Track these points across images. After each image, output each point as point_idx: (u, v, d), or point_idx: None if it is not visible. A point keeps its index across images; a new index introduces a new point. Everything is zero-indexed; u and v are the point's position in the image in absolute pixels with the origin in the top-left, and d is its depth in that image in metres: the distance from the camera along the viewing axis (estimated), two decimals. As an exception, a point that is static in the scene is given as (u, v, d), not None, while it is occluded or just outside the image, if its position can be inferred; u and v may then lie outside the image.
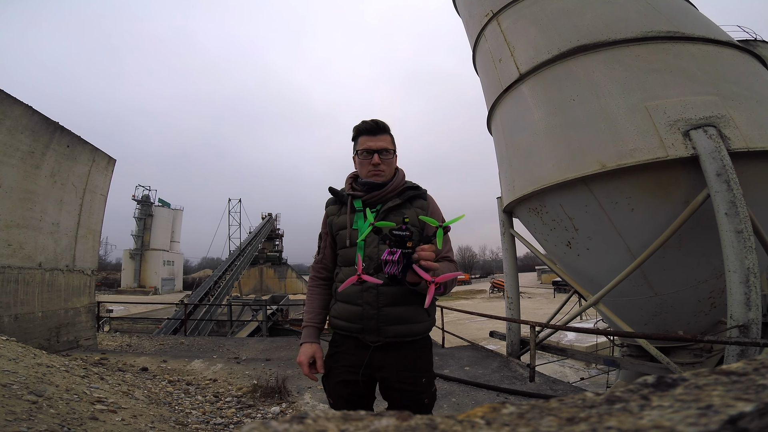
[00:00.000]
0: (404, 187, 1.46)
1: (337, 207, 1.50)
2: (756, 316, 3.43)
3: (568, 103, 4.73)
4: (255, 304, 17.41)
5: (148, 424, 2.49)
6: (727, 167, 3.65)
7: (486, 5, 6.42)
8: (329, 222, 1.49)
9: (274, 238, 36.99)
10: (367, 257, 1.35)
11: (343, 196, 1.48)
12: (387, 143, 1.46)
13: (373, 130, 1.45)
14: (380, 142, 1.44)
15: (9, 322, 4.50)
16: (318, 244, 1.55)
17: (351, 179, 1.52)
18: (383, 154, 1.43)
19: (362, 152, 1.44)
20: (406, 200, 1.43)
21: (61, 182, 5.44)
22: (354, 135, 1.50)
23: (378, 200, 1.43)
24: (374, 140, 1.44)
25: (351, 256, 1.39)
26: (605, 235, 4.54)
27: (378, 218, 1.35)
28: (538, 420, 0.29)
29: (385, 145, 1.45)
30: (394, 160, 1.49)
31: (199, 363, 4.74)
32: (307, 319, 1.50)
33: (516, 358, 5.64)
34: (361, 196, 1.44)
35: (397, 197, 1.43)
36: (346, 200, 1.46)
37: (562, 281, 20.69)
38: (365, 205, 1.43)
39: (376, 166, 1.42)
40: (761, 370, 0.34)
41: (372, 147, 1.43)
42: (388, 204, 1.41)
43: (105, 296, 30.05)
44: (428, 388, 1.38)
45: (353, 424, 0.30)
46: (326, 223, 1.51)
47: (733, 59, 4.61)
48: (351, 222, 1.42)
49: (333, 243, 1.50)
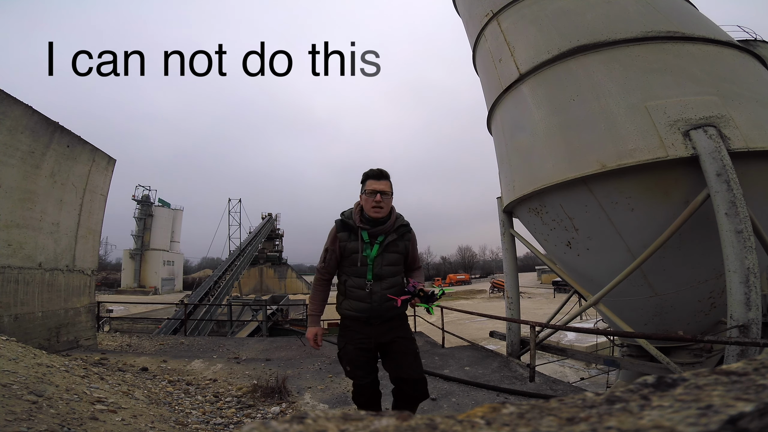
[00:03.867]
0: (398, 225, 2.09)
1: (347, 234, 2.07)
2: (756, 316, 3.43)
3: (568, 103, 4.73)
4: (255, 304, 17.42)
5: (148, 424, 2.48)
6: (727, 167, 3.65)
7: (486, 5, 6.42)
8: (342, 246, 2.06)
9: (274, 238, 36.98)
10: (375, 275, 2.03)
11: (352, 226, 2.05)
12: (387, 187, 2.03)
13: (377, 176, 2.04)
14: (382, 186, 2.01)
15: (9, 322, 4.50)
16: (323, 255, 2.11)
17: (358, 213, 2.07)
18: (384, 195, 2.00)
19: (369, 192, 2.01)
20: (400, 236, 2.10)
21: (61, 182, 5.43)
22: (363, 178, 2.07)
23: (379, 233, 2.05)
24: (378, 184, 2.01)
25: (363, 272, 2.04)
26: (605, 235, 4.53)
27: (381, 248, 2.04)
28: (538, 420, 0.29)
29: (386, 189, 2.02)
30: (391, 201, 2.07)
31: (199, 363, 4.74)
32: (311, 309, 2.20)
33: (516, 358, 5.63)
34: (368, 229, 2.04)
35: (394, 232, 2.08)
36: (356, 230, 2.04)
37: (562, 281, 20.69)
38: (370, 235, 2.05)
39: (377, 203, 1.99)
40: (761, 370, 0.34)
41: (376, 188, 2.00)
42: (388, 239, 2.06)
43: (105, 296, 30.05)
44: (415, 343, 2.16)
45: (353, 424, 0.30)
46: (338, 246, 2.07)
47: (733, 59, 4.61)
48: (362, 249, 2.03)
49: (338, 258, 2.09)
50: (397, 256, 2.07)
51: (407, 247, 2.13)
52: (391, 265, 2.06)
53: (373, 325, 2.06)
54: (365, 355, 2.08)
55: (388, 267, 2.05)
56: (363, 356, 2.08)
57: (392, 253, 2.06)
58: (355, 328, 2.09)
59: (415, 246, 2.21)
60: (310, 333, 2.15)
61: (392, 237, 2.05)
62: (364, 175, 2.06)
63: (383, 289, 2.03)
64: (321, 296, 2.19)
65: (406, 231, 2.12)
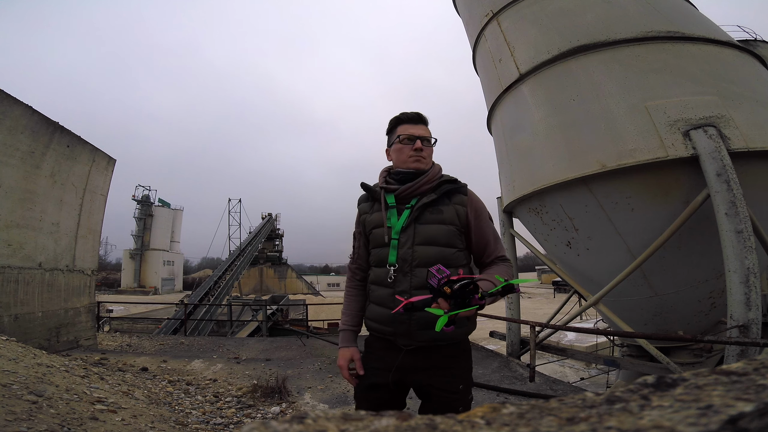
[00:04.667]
0: (440, 180, 1.36)
1: (369, 204, 1.43)
2: (756, 316, 3.43)
3: (568, 103, 4.73)
4: (255, 304, 17.41)
5: (148, 424, 2.49)
6: (727, 167, 3.65)
7: (486, 5, 6.42)
8: (362, 220, 1.43)
9: (274, 238, 36.98)
10: (400, 258, 1.28)
11: (375, 191, 1.42)
12: (428, 133, 1.42)
13: (415, 119, 1.41)
14: (421, 131, 1.39)
15: (9, 322, 4.50)
16: (353, 244, 1.49)
17: (385, 172, 1.45)
18: (425, 142, 1.38)
19: (404, 138, 1.37)
20: (443, 195, 1.33)
21: (61, 182, 5.43)
22: (392, 125, 1.44)
23: (412, 194, 1.34)
24: (416, 128, 1.40)
25: (384, 255, 1.32)
26: (605, 235, 4.54)
27: (412, 216, 1.30)
28: (538, 420, 0.29)
29: (427, 134, 1.41)
30: (432, 150, 1.43)
31: (199, 363, 4.74)
32: (343, 322, 1.46)
33: (516, 358, 5.64)
34: (394, 189, 1.36)
35: (432, 191, 1.33)
36: (378, 196, 1.39)
37: (562, 281, 20.68)
38: (399, 200, 1.35)
39: (418, 152, 1.35)
40: (761, 370, 0.34)
41: (414, 133, 1.38)
42: (423, 200, 1.31)
43: (105, 296, 30.04)
44: (464, 396, 1.28)
45: (353, 424, 0.30)
46: (359, 221, 1.45)
47: (733, 59, 4.61)
48: (385, 217, 1.33)
49: (367, 242, 1.42)
50: (442, 229, 1.28)
51: (462, 216, 1.31)
52: (431, 244, 1.28)
53: (401, 350, 1.28)
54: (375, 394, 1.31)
55: (425, 247, 1.27)
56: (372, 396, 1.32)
57: (433, 224, 1.29)
58: (376, 351, 1.36)
59: (482, 215, 1.35)
60: (341, 359, 1.38)
61: (431, 196, 1.31)
62: (395, 120, 1.43)
63: (416, 287, 1.24)
64: (354, 303, 1.46)
65: (454, 189, 1.35)
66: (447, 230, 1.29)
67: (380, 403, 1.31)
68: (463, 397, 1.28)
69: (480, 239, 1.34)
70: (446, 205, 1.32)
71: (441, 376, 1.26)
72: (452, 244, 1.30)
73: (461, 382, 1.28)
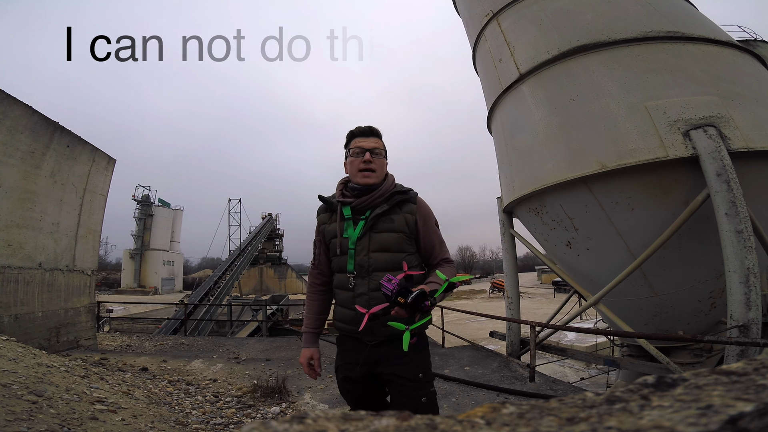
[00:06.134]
0: (393, 191, 1.47)
1: (327, 215, 1.54)
2: (756, 316, 3.43)
3: (568, 103, 4.73)
4: (255, 304, 17.41)
5: (148, 424, 2.49)
6: (727, 167, 3.65)
7: (486, 5, 6.42)
8: (322, 230, 1.54)
9: (274, 238, 36.98)
10: (358, 265, 1.42)
11: (332, 203, 1.51)
12: (379, 145, 1.49)
13: (366, 132, 1.49)
14: (372, 143, 1.47)
15: (9, 322, 4.50)
16: (313, 251, 1.60)
17: (342, 185, 1.54)
18: (375, 153, 1.46)
19: (354, 150, 1.46)
20: (394, 205, 1.45)
21: (61, 182, 5.43)
22: (347, 139, 1.53)
23: (367, 206, 1.45)
24: (367, 141, 1.47)
25: (343, 263, 1.45)
26: (605, 235, 4.53)
27: (366, 226, 1.42)
28: (538, 420, 0.29)
29: (377, 145, 1.48)
30: (385, 164, 1.51)
31: (199, 363, 4.74)
32: (305, 324, 1.62)
33: (516, 358, 5.63)
34: (350, 202, 1.46)
35: (385, 203, 1.45)
36: (336, 207, 1.49)
37: (562, 281, 20.70)
38: (354, 211, 1.46)
39: (367, 163, 1.43)
40: (761, 370, 0.34)
41: (364, 146, 1.45)
42: (376, 210, 1.43)
43: (105, 296, 30.04)
44: (426, 386, 1.41)
45: (353, 424, 0.30)
46: (319, 231, 1.55)
47: (733, 59, 4.61)
48: (341, 230, 1.45)
49: (327, 250, 1.54)
50: (393, 237, 1.41)
51: (411, 223, 1.44)
52: (384, 251, 1.41)
53: (366, 346, 1.44)
54: (350, 386, 1.52)
55: (379, 254, 1.41)
56: (349, 387, 1.53)
57: (385, 232, 1.41)
58: (346, 347, 1.53)
59: (428, 222, 1.48)
60: (302, 358, 1.57)
61: (383, 207, 1.43)
62: (349, 134, 1.52)
63: (374, 289, 1.39)
64: (315, 307, 1.60)
65: (404, 199, 1.46)
66: (398, 237, 1.43)
67: (359, 393, 1.52)
68: (424, 387, 1.41)
69: (426, 243, 1.49)
70: (397, 214, 1.44)
71: (400, 365, 1.40)
72: (403, 249, 1.44)
73: (420, 371, 1.41)
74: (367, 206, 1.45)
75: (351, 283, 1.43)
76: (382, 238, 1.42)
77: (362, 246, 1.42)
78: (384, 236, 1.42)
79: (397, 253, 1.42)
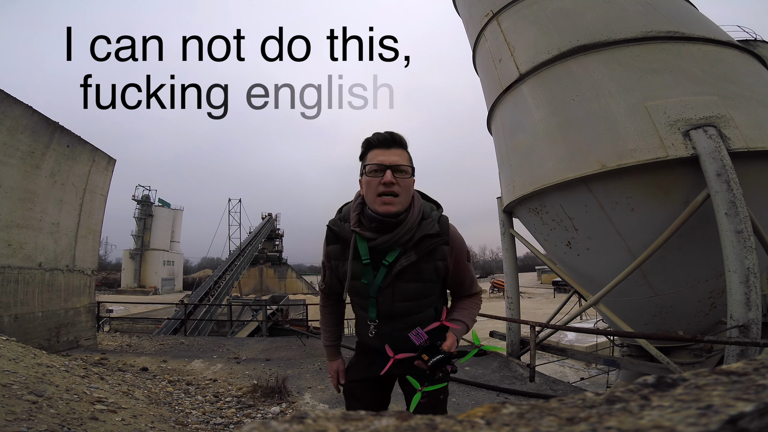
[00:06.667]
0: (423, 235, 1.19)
1: (338, 248, 1.29)
2: (756, 316, 3.43)
3: (568, 103, 4.73)
4: (255, 304, 17.41)
5: (148, 424, 2.49)
6: (727, 167, 3.65)
7: (486, 5, 6.43)
8: (333, 266, 1.32)
9: (274, 238, 36.96)
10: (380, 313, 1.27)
11: (345, 237, 1.25)
12: (404, 159, 1.19)
13: (386, 142, 1.19)
14: (395, 157, 1.17)
15: (9, 322, 4.50)
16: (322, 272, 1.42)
17: (359, 209, 1.24)
18: (398, 172, 1.16)
19: (371, 168, 1.16)
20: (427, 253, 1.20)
21: (61, 182, 5.43)
22: (363, 149, 1.23)
23: (390, 245, 1.19)
24: (387, 154, 1.17)
25: (363, 304, 1.30)
26: (605, 235, 4.54)
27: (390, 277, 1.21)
28: (538, 420, 0.29)
29: (401, 161, 1.17)
30: (411, 184, 1.20)
31: (199, 363, 4.74)
32: (324, 338, 1.50)
33: (516, 358, 5.64)
34: (369, 237, 1.20)
35: (413, 249, 1.20)
36: (348, 239, 1.24)
37: (562, 281, 20.70)
38: (374, 251, 1.21)
39: (388, 185, 1.13)
40: (761, 370, 0.34)
41: (384, 161, 1.15)
42: (402, 262, 1.20)
43: (105, 296, 30.03)
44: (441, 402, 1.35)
45: (353, 424, 0.30)
46: (330, 264, 1.34)
47: (733, 59, 4.61)
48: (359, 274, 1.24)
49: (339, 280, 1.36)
50: (421, 287, 1.25)
51: (441, 270, 1.25)
52: (409, 300, 1.25)
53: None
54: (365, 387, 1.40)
55: (404, 303, 1.26)
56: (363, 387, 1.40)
57: (412, 282, 1.23)
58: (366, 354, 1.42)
59: (460, 261, 1.29)
60: (330, 370, 1.49)
61: (411, 258, 1.20)
62: (365, 143, 1.23)
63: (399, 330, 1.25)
64: (330, 319, 1.48)
65: (438, 244, 1.22)
66: (425, 287, 1.26)
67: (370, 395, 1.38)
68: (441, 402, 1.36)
69: (455, 281, 1.33)
70: (426, 263, 1.23)
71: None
72: (430, 293, 1.29)
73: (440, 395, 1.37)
74: (390, 246, 1.20)
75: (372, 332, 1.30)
76: (407, 289, 1.24)
77: (385, 296, 1.24)
78: (410, 287, 1.24)
79: (423, 298, 1.28)
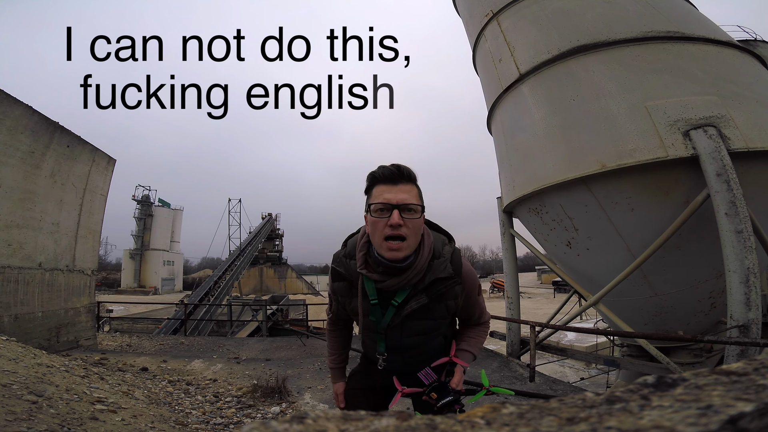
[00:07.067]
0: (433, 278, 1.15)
1: (346, 287, 1.24)
2: (756, 316, 3.43)
3: (568, 103, 4.73)
4: (255, 304, 17.41)
5: (148, 424, 2.49)
6: (727, 167, 3.65)
7: (486, 5, 6.42)
8: (341, 302, 1.29)
9: (274, 238, 36.96)
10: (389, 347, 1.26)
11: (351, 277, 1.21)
12: (412, 197, 1.09)
13: (392, 177, 1.09)
14: (402, 194, 1.07)
15: (9, 322, 4.50)
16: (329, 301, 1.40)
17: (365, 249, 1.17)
18: (406, 211, 1.06)
19: (376, 207, 1.07)
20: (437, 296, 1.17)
21: (61, 182, 5.43)
22: (368, 184, 1.14)
23: (398, 287, 1.15)
24: (394, 191, 1.07)
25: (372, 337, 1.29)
26: (605, 235, 4.54)
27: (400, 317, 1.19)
28: (538, 420, 0.29)
29: (410, 199, 1.07)
30: (420, 225, 1.10)
31: (199, 363, 4.74)
32: (330, 360, 1.51)
33: (516, 358, 5.64)
34: (377, 279, 1.14)
35: (423, 292, 1.15)
36: (355, 280, 1.20)
37: (562, 281, 20.69)
38: (381, 293, 1.17)
39: (395, 228, 1.05)
40: (761, 370, 0.34)
41: (390, 200, 1.06)
42: (412, 304, 1.15)
43: (105, 296, 30.02)
44: None
45: (353, 424, 0.30)
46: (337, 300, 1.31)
47: (733, 59, 4.61)
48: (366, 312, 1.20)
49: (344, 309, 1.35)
50: (431, 324, 1.23)
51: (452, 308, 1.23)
52: (419, 335, 1.24)
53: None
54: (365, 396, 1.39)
55: (413, 338, 1.24)
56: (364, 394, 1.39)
57: (421, 320, 1.20)
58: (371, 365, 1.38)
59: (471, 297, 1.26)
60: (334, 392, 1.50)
61: (421, 300, 1.16)
62: (370, 178, 1.13)
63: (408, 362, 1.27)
64: (337, 343, 1.46)
65: (450, 285, 1.18)
66: (436, 323, 1.24)
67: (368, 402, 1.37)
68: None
69: (465, 313, 1.31)
70: (438, 302, 1.19)
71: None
72: (439, 327, 1.27)
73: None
74: (398, 288, 1.15)
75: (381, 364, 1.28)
76: (417, 327, 1.21)
77: (394, 333, 1.22)
78: (420, 324, 1.21)
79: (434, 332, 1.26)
